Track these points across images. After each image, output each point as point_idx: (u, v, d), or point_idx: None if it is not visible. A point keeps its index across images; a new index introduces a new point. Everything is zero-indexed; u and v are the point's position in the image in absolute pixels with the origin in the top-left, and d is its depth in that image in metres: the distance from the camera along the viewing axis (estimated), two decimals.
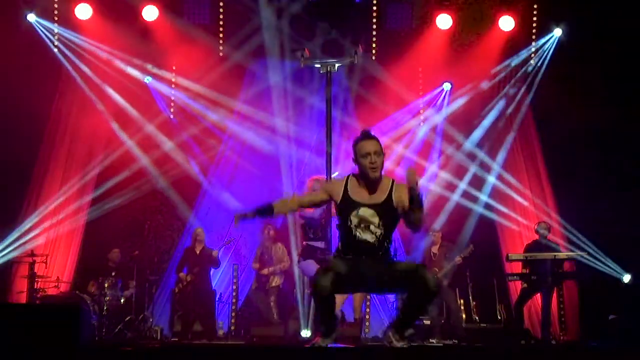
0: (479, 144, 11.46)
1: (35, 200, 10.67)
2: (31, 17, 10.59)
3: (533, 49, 11.12)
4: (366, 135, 5.50)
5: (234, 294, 10.57)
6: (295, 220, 9.43)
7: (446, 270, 9.93)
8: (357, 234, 5.39)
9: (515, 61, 11.22)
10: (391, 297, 11.10)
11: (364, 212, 5.38)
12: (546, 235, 9.89)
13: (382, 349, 6.55)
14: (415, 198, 5.18)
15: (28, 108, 10.42)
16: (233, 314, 10.52)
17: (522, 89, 11.31)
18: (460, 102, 11.51)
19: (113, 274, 10.19)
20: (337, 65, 7.60)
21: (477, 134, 11.50)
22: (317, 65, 7.63)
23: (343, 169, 9.31)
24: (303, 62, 7.68)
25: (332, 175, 6.83)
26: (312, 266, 7.79)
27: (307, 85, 11.18)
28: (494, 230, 11.23)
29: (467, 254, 9.94)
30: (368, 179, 5.41)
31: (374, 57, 11.01)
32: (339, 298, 6.69)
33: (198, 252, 10.55)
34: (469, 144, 11.44)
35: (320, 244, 8.09)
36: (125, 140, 11.17)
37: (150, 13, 10.70)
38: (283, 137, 11.13)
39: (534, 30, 11.01)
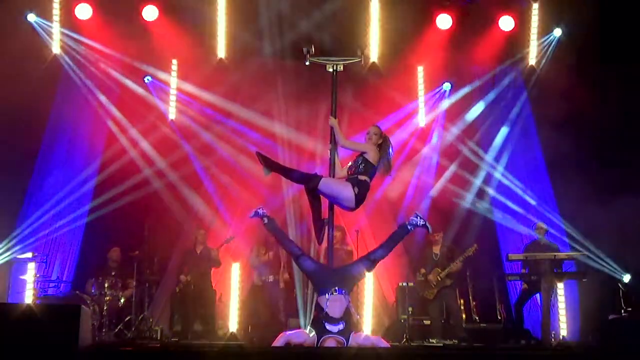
0: (479, 145, 11.46)
1: (35, 200, 10.66)
2: (31, 17, 10.58)
3: (533, 49, 11.11)
4: None
5: (234, 294, 10.55)
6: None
7: (449, 271, 9.92)
8: None
9: (515, 61, 11.22)
10: (391, 298, 11.11)
11: None
12: (543, 236, 9.89)
13: (382, 349, 6.55)
14: None
15: (28, 108, 10.41)
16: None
17: (522, 89, 11.31)
18: (460, 103, 11.52)
19: (113, 273, 10.19)
20: (343, 64, 7.58)
21: (477, 134, 11.50)
22: (324, 64, 7.60)
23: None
24: (309, 59, 7.65)
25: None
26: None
27: (307, 85, 11.18)
28: (494, 230, 11.23)
29: (471, 253, 9.93)
30: None
31: (373, 57, 10.99)
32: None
33: (199, 252, 10.55)
34: (469, 145, 11.45)
35: None
36: (125, 141, 11.16)
37: (150, 13, 10.70)
38: (283, 137, 11.13)
39: (534, 30, 11.01)
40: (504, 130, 11.39)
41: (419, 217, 7.13)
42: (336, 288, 6.69)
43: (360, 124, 10.27)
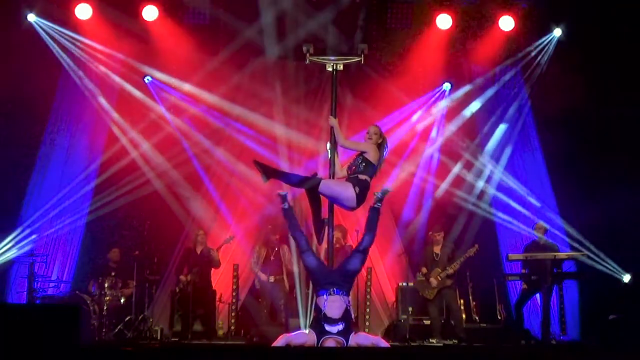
0: (480, 145, 11.46)
1: (35, 200, 10.67)
2: (31, 17, 10.57)
3: (533, 49, 11.11)
4: None
5: (234, 294, 10.56)
6: None
7: (449, 271, 9.92)
8: None
9: (515, 61, 11.22)
10: (390, 297, 11.12)
11: None
12: (542, 236, 9.89)
13: (382, 349, 6.55)
14: None
15: (28, 107, 10.41)
16: (233, 314, 10.52)
17: (522, 89, 11.31)
18: (460, 103, 11.52)
19: (113, 273, 10.19)
20: (343, 63, 7.59)
21: (477, 135, 11.50)
22: (324, 63, 7.60)
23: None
24: (309, 59, 7.65)
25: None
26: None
27: (308, 85, 11.20)
28: (494, 230, 11.23)
29: (472, 254, 9.94)
30: None
31: (373, 57, 10.99)
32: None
33: (199, 252, 10.55)
34: (469, 145, 11.45)
35: None
36: (125, 141, 11.16)
37: (150, 13, 10.68)
38: (284, 137, 11.12)
39: (534, 30, 11.01)
40: (502, 127, 11.38)
41: (377, 193, 7.16)
42: (334, 289, 6.70)
43: (360, 124, 10.28)
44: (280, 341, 6.60)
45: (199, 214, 11.21)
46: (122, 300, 10.06)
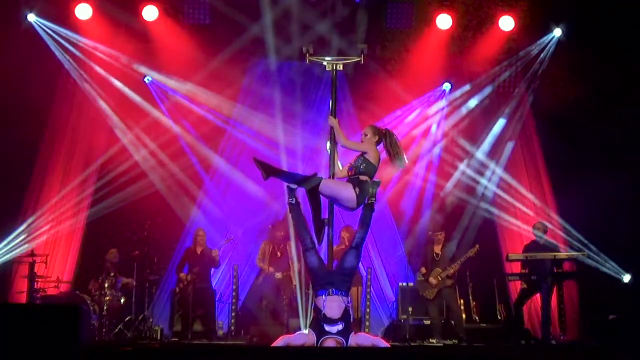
0: (479, 144, 11.46)
1: (35, 200, 10.66)
2: (31, 17, 10.58)
3: (533, 49, 11.11)
4: None
5: (234, 294, 10.57)
6: None
7: (449, 271, 9.92)
8: None
9: (515, 61, 11.22)
10: (391, 297, 11.13)
11: None
12: (542, 235, 9.89)
13: (382, 349, 6.55)
14: None
15: (28, 108, 10.41)
16: (233, 314, 10.53)
17: (522, 89, 11.32)
18: (459, 102, 11.52)
19: (112, 274, 10.19)
20: (342, 63, 7.59)
21: (477, 134, 11.50)
22: (324, 63, 7.60)
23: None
24: (309, 59, 7.66)
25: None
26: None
27: (307, 85, 11.20)
28: (494, 230, 11.23)
29: (473, 254, 9.93)
30: None
31: (373, 57, 10.99)
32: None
33: (199, 252, 10.56)
34: (469, 144, 11.45)
35: None
36: (125, 141, 11.16)
37: (150, 13, 10.68)
38: (285, 137, 11.13)
39: (534, 30, 11.01)
40: (501, 122, 11.38)
41: (370, 189, 7.05)
42: (333, 289, 6.69)
43: (360, 124, 10.29)
44: (279, 342, 6.60)
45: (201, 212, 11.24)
46: (122, 300, 10.07)
